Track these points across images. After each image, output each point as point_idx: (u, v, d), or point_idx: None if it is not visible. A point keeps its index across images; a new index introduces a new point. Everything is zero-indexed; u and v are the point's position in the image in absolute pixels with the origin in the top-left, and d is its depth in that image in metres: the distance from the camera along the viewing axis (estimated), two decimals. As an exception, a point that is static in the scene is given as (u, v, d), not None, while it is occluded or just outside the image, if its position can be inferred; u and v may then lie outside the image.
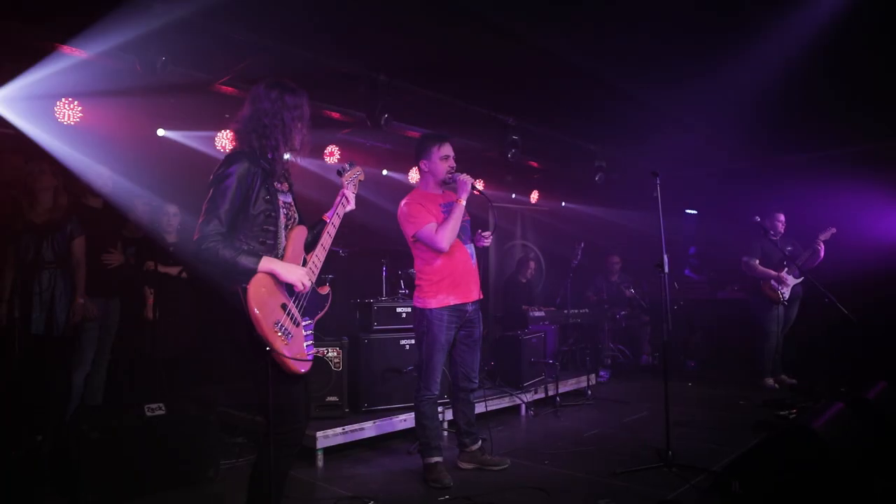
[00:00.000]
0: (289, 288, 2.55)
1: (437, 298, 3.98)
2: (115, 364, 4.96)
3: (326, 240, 2.77)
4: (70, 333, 4.56)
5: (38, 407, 4.25)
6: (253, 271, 2.41)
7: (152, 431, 3.73)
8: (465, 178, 3.98)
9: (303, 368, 2.53)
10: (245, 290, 2.37)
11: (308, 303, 2.66)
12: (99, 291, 4.75)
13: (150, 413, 3.78)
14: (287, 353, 2.42)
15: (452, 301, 4.00)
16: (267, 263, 2.45)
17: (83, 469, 3.45)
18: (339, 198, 2.87)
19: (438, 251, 3.93)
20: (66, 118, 4.98)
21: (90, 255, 4.68)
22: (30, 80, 4.75)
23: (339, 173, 2.97)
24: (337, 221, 2.82)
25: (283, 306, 2.51)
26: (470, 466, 4.21)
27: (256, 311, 2.35)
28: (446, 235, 3.88)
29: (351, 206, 2.91)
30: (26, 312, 4.32)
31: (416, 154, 4.16)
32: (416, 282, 4.10)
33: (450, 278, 4.00)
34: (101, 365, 4.86)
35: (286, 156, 2.77)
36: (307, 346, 2.61)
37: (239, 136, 2.67)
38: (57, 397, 4.48)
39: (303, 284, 2.53)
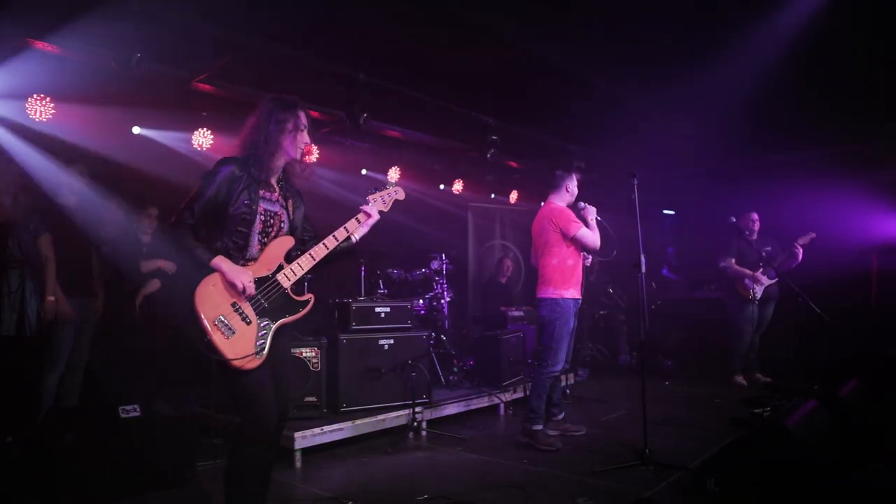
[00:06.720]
0: None
1: (569, 291, 4.73)
2: (91, 365, 4.87)
3: (318, 250, 2.92)
4: (42, 334, 4.46)
5: (9, 408, 4.16)
6: (204, 264, 2.66)
7: (128, 433, 3.68)
8: (591, 208, 4.81)
9: (245, 365, 2.61)
10: (196, 286, 2.62)
11: (274, 305, 2.78)
12: (74, 292, 4.65)
13: (124, 415, 3.73)
14: (223, 348, 2.58)
15: (576, 294, 4.78)
16: (218, 260, 2.68)
17: (58, 471, 3.40)
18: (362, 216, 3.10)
19: (592, 251, 4.80)
20: (37, 115, 4.88)
21: (63, 253, 4.57)
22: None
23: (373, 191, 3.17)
24: (340, 235, 3.00)
25: (234, 304, 2.68)
26: (556, 433, 4.89)
27: (197, 305, 2.60)
28: (599, 240, 4.74)
29: (364, 230, 3.12)
30: None
31: (563, 176, 4.99)
32: (548, 275, 4.76)
33: (576, 277, 4.78)
34: (78, 366, 4.75)
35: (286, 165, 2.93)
36: (259, 344, 2.68)
37: (240, 144, 2.87)
38: (28, 399, 4.39)
39: (243, 287, 2.66)
